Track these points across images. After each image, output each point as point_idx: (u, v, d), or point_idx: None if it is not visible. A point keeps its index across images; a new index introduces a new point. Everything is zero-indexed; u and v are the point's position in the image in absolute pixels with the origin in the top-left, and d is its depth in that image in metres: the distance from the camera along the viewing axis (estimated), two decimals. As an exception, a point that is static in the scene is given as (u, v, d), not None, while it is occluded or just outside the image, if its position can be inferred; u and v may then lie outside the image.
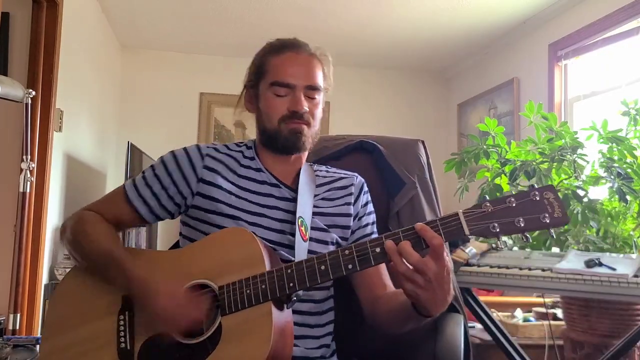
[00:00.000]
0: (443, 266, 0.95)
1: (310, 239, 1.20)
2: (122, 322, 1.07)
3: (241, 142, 1.33)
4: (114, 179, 4.44)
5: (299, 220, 1.18)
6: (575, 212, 2.06)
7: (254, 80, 1.27)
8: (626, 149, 2.14)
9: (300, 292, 1.05)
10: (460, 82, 5.11)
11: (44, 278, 2.91)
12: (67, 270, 3.20)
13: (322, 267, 0.99)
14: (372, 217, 1.35)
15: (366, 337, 1.37)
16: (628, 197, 2.03)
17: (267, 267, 1.02)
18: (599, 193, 2.26)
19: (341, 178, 1.35)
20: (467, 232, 0.95)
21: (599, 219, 2.11)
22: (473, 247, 2.04)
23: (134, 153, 3.67)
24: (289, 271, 1.00)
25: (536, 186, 0.97)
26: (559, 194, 2.13)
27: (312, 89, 1.23)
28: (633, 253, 2.03)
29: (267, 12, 3.92)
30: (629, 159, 2.14)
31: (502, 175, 2.25)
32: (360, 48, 4.60)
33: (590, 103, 3.51)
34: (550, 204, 0.93)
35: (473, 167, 2.42)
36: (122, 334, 1.06)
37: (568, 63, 3.68)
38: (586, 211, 2.06)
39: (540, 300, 2.94)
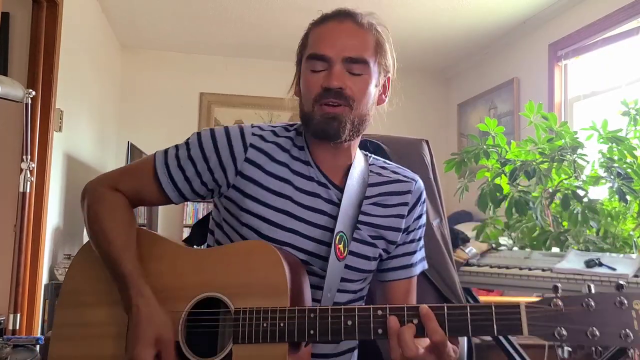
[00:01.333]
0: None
1: (351, 253, 1.07)
2: None
3: (291, 125, 1.16)
4: (114, 179, 4.44)
5: (337, 237, 1.04)
6: (575, 212, 2.06)
7: (299, 57, 1.12)
8: (626, 149, 2.13)
9: None
10: (460, 82, 5.11)
11: (44, 278, 2.91)
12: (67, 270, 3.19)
13: (349, 323, 0.88)
14: (421, 232, 1.20)
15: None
16: (628, 197, 2.03)
17: (289, 300, 0.93)
18: (599, 193, 2.26)
19: (399, 181, 1.17)
20: (525, 332, 0.81)
21: (599, 219, 2.11)
22: (473, 247, 2.04)
23: (134, 153, 3.67)
24: (312, 316, 0.90)
25: (624, 286, 0.81)
26: (559, 194, 2.14)
27: (354, 61, 1.04)
28: (633, 253, 2.03)
29: (267, 12, 3.92)
30: (629, 159, 2.14)
31: (502, 175, 2.25)
32: (360, 48, 4.60)
33: (590, 103, 3.51)
34: (638, 317, 0.78)
35: (473, 167, 2.42)
36: None
37: (568, 63, 3.68)
38: (586, 211, 2.06)
39: (533, 299, 2.94)
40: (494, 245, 2.16)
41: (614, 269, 1.71)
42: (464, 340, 1.31)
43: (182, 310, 0.98)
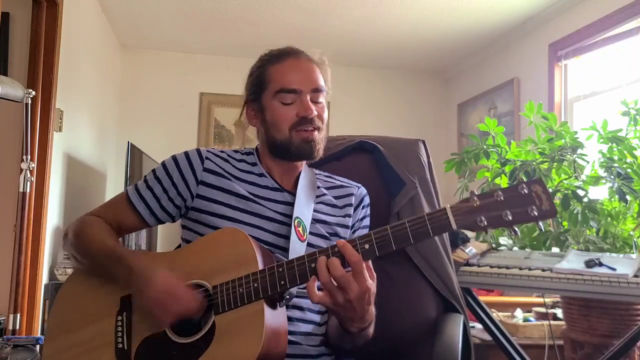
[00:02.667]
0: (364, 288, 0.98)
1: (309, 244, 1.19)
2: (119, 323, 1.09)
3: (239, 150, 1.33)
4: (114, 179, 4.45)
5: (296, 221, 1.18)
6: (575, 212, 2.06)
7: (255, 94, 1.25)
8: (626, 149, 2.14)
9: (294, 291, 1.06)
10: (460, 82, 5.11)
11: (44, 278, 2.91)
12: (67, 270, 3.21)
13: (313, 265, 0.99)
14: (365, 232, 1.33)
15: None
16: (628, 197, 2.03)
17: (260, 266, 1.03)
18: (599, 193, 2.26)
19: (342, 186, 1.34)
20: (454, 226, 0.95)
21: (599, 219, 2.11)
22: (473, 247, 2.04)
23: (134, 153, 3.67)
24: (280, 270, 1.01)
25: (523, 180, 0.96)
26: (559, 194, 2.14)
27: (317, 91, 1.22)
28: (633, 253, 2.03)
29: (267, 12, 3.92)
30: (629, 159, 2.14)
31: (502, 175, 2.25)
32: (360, 48, 4.60)
33: (590, 103, 3.51)
34: (538, 196, 0.93)
35: (473, 167, 2.42)
36: (119, 334, 1.08)
37: (568, 63, 3.68)
38: (586, 211, 2.06)
39: (540, 300, 2.95)
40: (494, 245, 2.16)
41: (614, 269, 1.71)
42: (459, 338, 1.31)
43: None
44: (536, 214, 0.93)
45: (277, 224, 1.20)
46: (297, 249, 1.15)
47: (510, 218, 0.94)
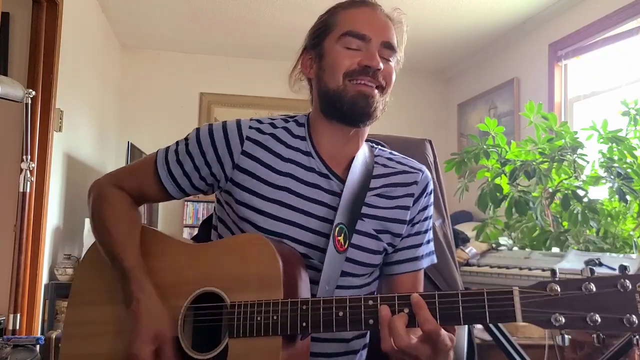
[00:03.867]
0: (438, 351, 0.83)
1: (352, 246, 1.05)
2: None
3: (290, 116, 1.14)
4: (114, 179, 4.45)
5: (337, 228, 1.02)
6: (575, 212, 2.06)
7: (318, 38, 1.08)
8: (626, 149, 2.14)
9: None
10: (460, 82, 5.11)
11: (44, 278, 2.91)
12: (67, 270, 3.20)
13: (340, 314, 0.87)
14: (427, 224, 1.16)
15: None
16: (628, 197, 2.03)
17: (283, 293, 0.92)
18: (599, 193, 2.26)
19: (405, 172, 1.14)
20: (519, 319, 0.76)
21: (599, 219, 2.11)
22: (473, 247, 2.04)
23: (134, 153, 3.67)
24: (304, 308, 0.89)
25: (627, 268, 0.75)
26: (559, 194, 2.14)
27: (389, 47, 1.05)
28: (633, 253, 2.03)
29: (267, 12, 3.92)
30: (629, 159, 2.14)
31: (502, 175, 2.25)
32: (360, 48, 4.60)
33: (590, 103, 3.51)
34: None
35: (473, 167, 2.42)
36: None
37: (568, 63, 3.68)
38: (586, 211, 2.06)
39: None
40: (494, 245, 2.16)
41: (614, 269, 1.71)
42: (464, 340, 1.30)
43: (182, 306, 0.99)
44: (636, 325, 0.71)
45: (319, 222, 1.05)
46: (334, 262, 1.02)
47: (597, 323, 0.73)
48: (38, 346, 2.00)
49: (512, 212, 2.18)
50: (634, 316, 0.71)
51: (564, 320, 0.74)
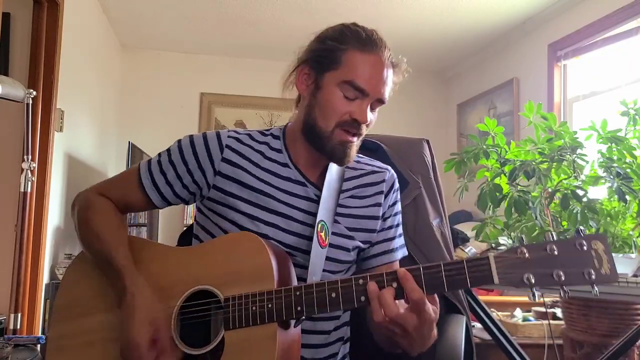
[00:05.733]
0: (424, 320, 0.89)
1: (330, 245, 1.12)
2: None
3: (267, 130, 1.21)
4: (115, 178, 4.45)
5: (319, 225, 1.09)
6: (574, 212, 2.06)
7: (321, 64, 1.11)
8: (625, 149, 2.14)
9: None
10: (460, 82, 5.11)
11: (44, 278, 2.92)
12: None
13: (333, 295, 0.93)
14: (398, 219, 1.25)
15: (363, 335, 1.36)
16: (627, 197, 2.03)
17: (276, 283, 0.96)
18: (599, 193, 2.26)
19: (373, 172, 1.23)
20: (496, 280, 0.85)
21: (599, 219, 2.12)
22: (473, 247, 2.04)
23: (134, 153, 3.67)
24: (298, 294, 0.94)
25: (583, 230, 0.85)
26: (558, 194, 2.14)
27: (380, 102, 1.12)
28: (632, 253, 2.03)
29: (267, 12, 3.93)
30: (629, 159, 2.14)
31: (502, 175, 2.25)
32: (360, 48, 4.60)
33: (590, 103, 3.51)
34: (598, 256, 0.82)
35: (473, 167, 2.42)
36: None
37: (567, 63, 3.69)
38: (585, 211, 2.06)
39: (540, 299, 2.95)
40: (493, 245, 2.16)
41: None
42: (461, 338, 1.31)
43: (175, 305, 1.01)
44: (594, 277, 0.82)
45: (298, 224, 1.12)
46: (318, 255, 1.08)
47: (562, 279, 0.82)
48: (39, 346, 2.00)
49: (511, 212, 2.18)
50: (591, 270, 0.82)
51: (534, 279, 0.84)
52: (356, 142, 1.12)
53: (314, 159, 1.16)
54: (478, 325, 2.38)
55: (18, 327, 2.00)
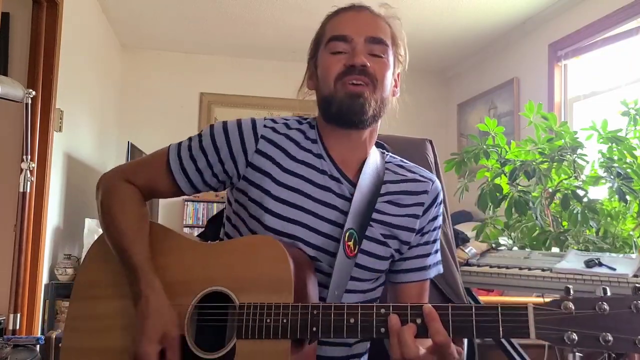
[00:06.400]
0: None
1: (362, 252, 1.05)
2: None
3: (304, 118, 1.15)
4: (114, 179, 4.45)
5: (347, 234, 1.02)
6: (575, 212, 2.06)
7: (313, 51, 1.11)
8: (626, 149, 2.14)
9: None
10: (460, 82, 5.11)
11: (44, 278, 2.91)
12: (67, 270, 3.20)
13: (352, 321, 0.87)
14: (436, 234, 1.17)
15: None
16: (628, 197, 2.03)
17: (293, 297, 0.92)
18: (599, 193, 2.26)
19: (415, 180, 1.14)
20: (532, 335, 0.77)
21: (599, 219, 2.11)
22: (473, 247, 2.04)
23: (134, 153, 3.67)
24: (315, 312, 0.89)
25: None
26: (559, 194, 2.14)
27: (376, 42, 1.05)
28: (633, 253, 2.03)
29: (267, 12, 3.92)
30: (629, 159, 2.14)
31: (502, 175, 2.25)
32: (360, 48, 4.60)
33: (590, 103, 3.51)
34: None
35: (473, 167, 2.42)
36: None
37: (568, 63, 3.68)
38: (586, 211, 2.06)
39: (540, 300, 2.94)
40: (493, 245, 2.16)
41: (613, 269, 1.71)
42: (465, 340, 1.30)
43: (189, 304, 0.99)
44: None
45: (330, 225, 1.05)
46: (344, 267, 1.02)
47: (609, 343, 0.73)
48: (38, 346, 2.00)
49: (511, 212, 2.18)
50: None
51: (576, 339, 0.75)
52: (369, 93, 1.03)
53: (348, 148, 1.09)
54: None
55: (17, 327, 1.99)
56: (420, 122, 5.11)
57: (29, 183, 1.99)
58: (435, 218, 1.15)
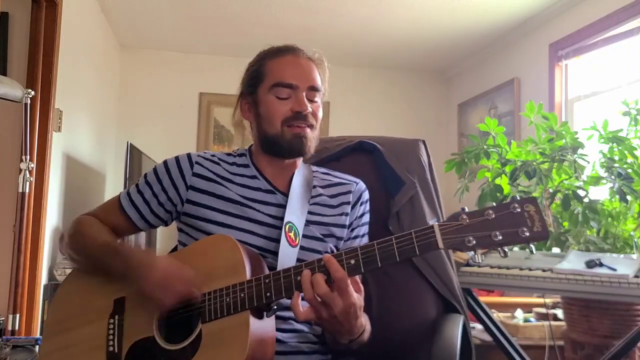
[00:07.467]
0: (349, 303, 0.97)
1: (302, 248, 1.19)
2: (111, 326, 1.11)
3: (231, 153, 1.32)
4: (113, 179, 4.44)
5: (287, 226, 1.17)
6: (575, 212, 2.06)
7: (252, 87, 1.25)
8: (627, 149, 2.13)
9: (283, 301, 1.06)
10: (460, 82, 5.10)
11: (43, 278, 2.90)
12: (67, 270, 3.20)
13: (298, 278, 0.99)
14: (364, 230, 1.33)
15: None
16: (628, 198, 2.03)
17: (248, 275, 1.02)
18: (600, 193, 2.26)
19: (340, 183, 1.32)
20: (441, 245, 0.93)
21: (600, 220, 2.11)
22: (473, 248, 2.03)
23: (133, 153, 3.66)
24: (267, 281, 1.00)
25: (518, 198, 0.94)
26: (559, 194, 2.13)
27: (314, 89, 1.21)
28: (633, 253, 2.03)
29: (266, 11, 3.92)
30: (630, 159, 2.14)
31: (503, 176, 2.25)
32: (360, 48, 4.59)
33: (591, 103, 3.50)
34: (530, 217, 0.91)
35: (473, 167, 2.42)
36: (111, 337, 1.10)
37: (568, 63, 3.68)
38: (587, 211, 2.05)
39: (541, 300, 2.94)
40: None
41: (614, 270, 1.71)
42: (457, 338, 1.30)
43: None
44: (527, 235, 0.90)
45: (268, 228, 1.19)
46: (288, 254, 1.15)
47: (499, 238, 0.91)
48: (37, 347, 1.99)
49: (512, 213, 2.17)
50: (525, 228, 0.90)
51: (474, 241, 0.92)
52: (310, 133, 1.20)
53: (279, 168, 1.25)
54: (479, 326, 2.37)
55: (16, 328, 1.99)
56: (421, 122, 5.12)
57: (28, 183, 1.98)
58: (362, 215, 1.32)
